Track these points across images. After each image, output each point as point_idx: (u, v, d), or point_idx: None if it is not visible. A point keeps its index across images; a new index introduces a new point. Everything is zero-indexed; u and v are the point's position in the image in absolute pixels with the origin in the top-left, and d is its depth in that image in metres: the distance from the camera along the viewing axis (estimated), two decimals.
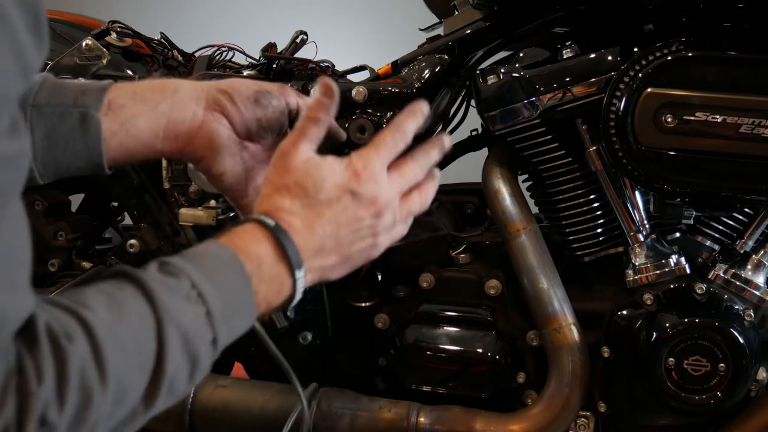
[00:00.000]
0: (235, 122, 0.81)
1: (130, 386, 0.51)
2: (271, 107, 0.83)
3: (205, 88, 0.81)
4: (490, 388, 1.15)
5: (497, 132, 1.11)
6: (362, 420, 1.12)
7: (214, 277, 0.58)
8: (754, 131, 0.96)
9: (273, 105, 0.83)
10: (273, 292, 0.64)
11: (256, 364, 1.29)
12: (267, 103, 0.82)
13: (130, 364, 0.51)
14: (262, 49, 1.23)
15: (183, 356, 0.54)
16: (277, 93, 0.84)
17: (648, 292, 1.07)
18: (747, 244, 1.09)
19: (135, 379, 0.51)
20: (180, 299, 0.55)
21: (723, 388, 1.03)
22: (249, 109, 0.81)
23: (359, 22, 2.64)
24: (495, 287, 1.17)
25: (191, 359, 0.55)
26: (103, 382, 0.48)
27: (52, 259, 1.34)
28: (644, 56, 1.00)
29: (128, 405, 0.52)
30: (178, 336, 0.54)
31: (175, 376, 0.54)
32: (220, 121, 0.80)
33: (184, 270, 0.57)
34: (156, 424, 1.18)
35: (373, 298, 1.21)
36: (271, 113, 0.83)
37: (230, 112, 0.80)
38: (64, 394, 0.46)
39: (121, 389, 0.50)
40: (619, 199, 1.09)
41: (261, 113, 0.82)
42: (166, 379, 0.53)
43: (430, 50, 1.18)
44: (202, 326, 0.56)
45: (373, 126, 1.14)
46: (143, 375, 0.52)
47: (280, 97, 0.84)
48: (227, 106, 0.80)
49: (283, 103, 0.84)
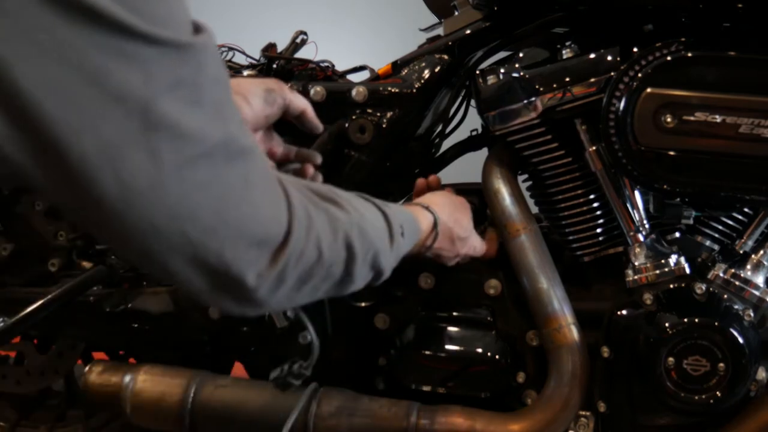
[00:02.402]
0: (248, 120, 0.90)
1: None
2: (276, 104, 0.93)
3: None
4: (490, 388, 1.15)
5: (497, 132, 1.11)
6: (362, 420, 1.12)
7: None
8: (753, 131, 0.96)
9: (277, 102, 0.93)
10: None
11: (256, 364, 1.29)
12: (273, 101, 0.93)
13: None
14: (262, 49, 1.23)
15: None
16: (277, 89, 0.94)
17: (648, 292, 1.07)
18: (746, 244, 1.09)
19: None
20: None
21: (722, 387, 1.03)
22: (260, 107, 0.91)
23: (359, 23, 2.65)
24: (495, 287, 1.17)
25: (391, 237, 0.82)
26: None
27: (53, 258, 1.34)
28: (644, 56, 1.00)
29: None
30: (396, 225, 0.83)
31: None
32: None
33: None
34: (156, 424, 1.19)
35: (373, 298, 1.21)
36: (276, 109, 0.94)
37: (245, 112, 0.89)
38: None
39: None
40: (619, 199, 1.09)
41: (269, 110, 0.93)
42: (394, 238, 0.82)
43: (430, 50, 1.18)
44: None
45: (373, 126, 1.14)
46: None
47: (280, 92, 0.94)
48: (243, 107, 0.89)
49: (282, 99, 0.94)
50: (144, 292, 1.28)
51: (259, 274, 0.61)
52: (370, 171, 1.16)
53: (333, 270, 0.71)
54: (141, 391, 1.18)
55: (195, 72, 0.53)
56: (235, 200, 0.58)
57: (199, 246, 0.57)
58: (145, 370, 1.20)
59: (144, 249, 0.56)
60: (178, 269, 0.58)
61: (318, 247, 0.67)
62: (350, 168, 1.16)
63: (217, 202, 0.56)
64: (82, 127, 0.49)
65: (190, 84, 0.53)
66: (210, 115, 0.55)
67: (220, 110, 0.56)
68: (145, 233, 0.54)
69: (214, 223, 0.56)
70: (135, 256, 0.58)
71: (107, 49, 0.48)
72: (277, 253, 0.62)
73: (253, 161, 0.60)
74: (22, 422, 1.43)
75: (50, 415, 1.44)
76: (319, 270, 0.69)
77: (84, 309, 1.27)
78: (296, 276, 0.66)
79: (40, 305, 1.19)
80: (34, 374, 1.40)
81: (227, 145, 0.56)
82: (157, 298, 1.27)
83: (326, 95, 1.15)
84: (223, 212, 0.57)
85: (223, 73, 0.58)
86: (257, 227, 0.60)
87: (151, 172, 0.52)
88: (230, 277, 0.60)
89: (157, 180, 0.52)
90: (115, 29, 0.48)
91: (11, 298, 1.29)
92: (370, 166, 1.16)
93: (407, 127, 1.17)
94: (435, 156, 1.32)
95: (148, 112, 0.50)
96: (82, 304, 1.26)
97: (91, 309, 1.27)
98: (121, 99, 0.49)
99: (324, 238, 0.68)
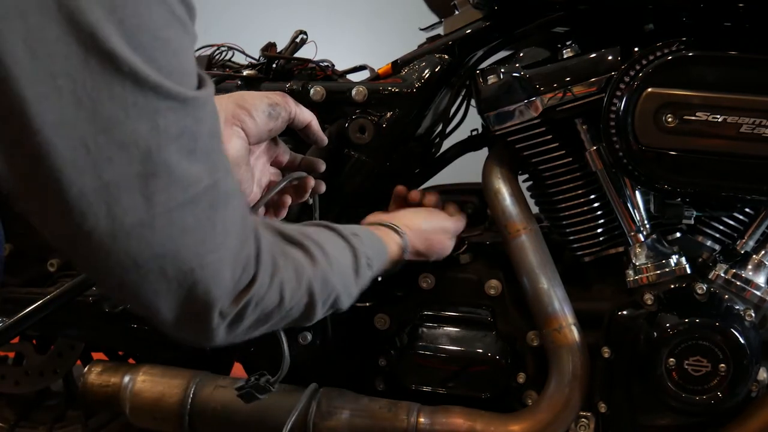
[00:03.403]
0: (251, 134, 0.90)
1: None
2: (281, 118, 0.93)
3: (223, 104, 0.88)
4: (490, 389, 1.15)
5: (497, 132, 1.10)
6: (362, 420, 1.12)
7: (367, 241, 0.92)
8: (754, 131, 0.96)
9: (282, 116, 0.93)
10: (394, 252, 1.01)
11: (256, 364, 1.28)
12: (277, 115, 0.92)
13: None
14: (262, 48, 1.23)
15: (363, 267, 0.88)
16: (282, 103, 0.94)
17: (648, 292, 1.06)
18: (747, 244, 1.08)
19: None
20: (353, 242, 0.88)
21: (723, 388, 1.03)
22: (263, 121, 0.91)
23: (359, 22, 2.64)
24: (495, 287, 1.17)
25: (356, 273, 0.87)
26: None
27: (52, 259, 1.34)
28: (645, 56, 0.99)
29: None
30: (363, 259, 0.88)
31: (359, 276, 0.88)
32: (239, 134, 0.88)
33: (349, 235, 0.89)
34: (156, 424, 1.19)
35: (373, 299, 1.21)
36: (280, 123, 0.94)
37: (248, 126, 0.89)
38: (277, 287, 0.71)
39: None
40: (620, 199, 1.08)
41: (273, 124, 0.93)
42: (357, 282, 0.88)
43: (430, 50, 1.18)
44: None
45: (373, 126, 1.14)
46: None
47: (285, 106, 0.94)
48: (246, 120, 0.89)
49: (287, 113, 0.94)
50: None
51: (221, 312, 0.65)
52: (370, 171, 1.16)
53: (292, 312, 0.76)
54: (140, 392, 1.17)
55: (194, 124, 0.57)
56: (214, 244, 0.61)
57: (174, 283, 0.60)
58: (145, 370, 1.20)
59: (121, 281, 0.59)
60: (149, 302, 0.61)
61: (280, 293, 0.71)
62: (350, 168, 1.16)
63: (197, 245, 0.60)
64: (86, 168, 0.52)
65: (189, 134, 0.57)
66: (202, 164, 0.58)
67: (211, 158, 0.60)
68: (127, 268, 0.58)
69: (192, 264, 0.60)
70: (110, 287, 0.61)
71: (121, 99, 0.52)
72: (241, 294, 0.66)
73: (233, 206, 0.63)
74: (21, 423, 1.43)
75: (49, 415, 1.43)
76: (279, 312, 0.73)
77: (83, 309, 1.26)
78: (255, 317, 0.70)
79: (39, 305, 1.19)
80: (33, 374, 1.40)
81: (213, 191, 0.60)
82: None
83: (326, 95, 1.15)
84: (201, 255, 0.60)
85: (217, 125, 0.62)
86: (228, 271, 0.64)
87: (143, 212, 0.55)
88: (196, 313, 0.63)
89: (148, 221, 0.56)
90: (131, 79, 0.52)
91: (10, 298, 1.29)
92: (370, 166, 1.16)
93: (407, 127, 1.17)
94: (435, 156, 1.31)
95: (149, 159, 0.54)
96: (81, 305, 1.26)
97: (91, 309, 1.26)
98: (127, 146, 0.53)
99: (287, 285, 0.72)
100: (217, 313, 0.65)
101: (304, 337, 1.19)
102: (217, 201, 0.60)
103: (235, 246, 0.64)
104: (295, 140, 1.06)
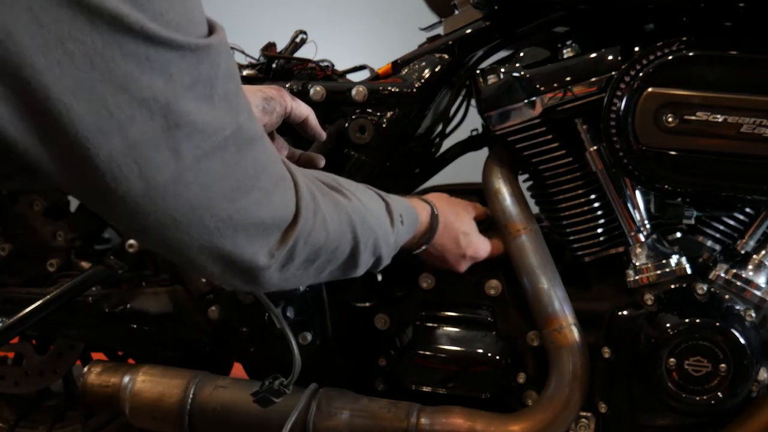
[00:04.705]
0: None
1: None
2: (275, 113, 0.93)
3: None
4: (490, 389, 1.15)
5: (497, 132, 1.10)
6: (362, 420, 1.11)
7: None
8: (755, 131, 0.96)
9: (276, 110, 0.93)
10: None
11: (256, 364, 1.28)
12: (272, 109, 0.92)
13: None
14: (261, 48, 1.23)
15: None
16: (277, 97, 0.93)
17: (649, 293, 1.06)
18: (748, 244, 1.08)
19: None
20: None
21: (724, 388, 1.03)
22: (258, 116, 0.90)
23: (359, 22, 2.64)
24: (495, 287, 1.17)
25: (392, 225, 0.89)
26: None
27: (51, 259, 1.34)
28: (645, 56, 0.99)
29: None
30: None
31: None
32: None
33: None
34: (156, 425, 1.19)
35: (373, 299, 1.21)
36: (276, 118, 0.94)
37: None
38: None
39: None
40: (620, 199, 1.08)
41: (267, 119, 0.92)
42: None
43: (430, 50, 1.18)
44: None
45: (373, 126, 1.14)
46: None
47: (280, 100, 0.93)
48: None
49: (282, 107, 0.94)
50: (143, 292, 1.28)
51: (270, 253, 0.66)
52: (370, 171, 1.16)
53: (338, 252, 0.77)
54: (140, 392, 1.17)
55: (209, 70, 0.57)
56: (247, 187, 0.62)
57: (215, 233, 0.61)
58: (144, 370, 1.20)
59: (164, 239, 0.60)
60: (194, 256, 0.62)
61: (325, 228, 0.72)
62: (350, 168, 1.16)
63: (231, 190, 0.61)
64: (110, 130, 0.52)
65: (205, 81, 0.57)
66: (223, 109, 0.59)
67: (231, 102, 0.60)
68: (166, 225, 0.58)
69: (230, 211, 0.61)
70: (155, 247, 0.62)
71: (133, 56, 0.52)
72: (287, 232, 0.68)
73: (262, 148, 0.64)
74: (20, 423, 1.43)
75: (49, 415, 1.43)
76: (326, 251, 0.74)
77: (83, 309, 1.26)
78: (305, 255, 0.71)
79: (38, 305, 1.19)
80: (32, 375, 1.39)
81: (238, 134, 0.60)
82: (157, 299, 1.27)
83: (326, 95, 1.15)
84: (237, 199, 0.61)
85: (233, 67, 0.61)
86: (268, 210, 0.65)
87: (173, 167, 0.56)
88: (244, 258, 0.65)
89: (179, 174, 0.56)
90: (139, 37, 0.52)
91: (10, 299, 1.29)
92: (370, 166, 1.16)
93: (407, 126, 1.17)
94: (435, 156, 1.31)
95: (169, 111, 0.54)
96: (80, 305, 1.26)
97: (90, 309, 1.26)
98: (146, 102, 0.53)
99: (330, 221, 0.73)
100: (264, 255, 0.66)
101: (303, 337, 1.19)
102: (244, 144, 0.61)
103: (269, 186, 0.65)
104: (294, 137, 1.06)
